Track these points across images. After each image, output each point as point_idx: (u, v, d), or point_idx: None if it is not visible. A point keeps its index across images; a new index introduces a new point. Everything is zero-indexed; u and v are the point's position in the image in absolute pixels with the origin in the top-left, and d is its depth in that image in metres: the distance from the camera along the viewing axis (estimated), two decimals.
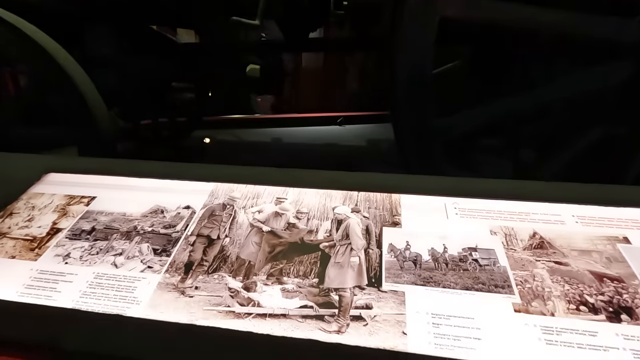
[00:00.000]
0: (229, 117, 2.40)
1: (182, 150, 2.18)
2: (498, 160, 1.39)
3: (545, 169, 1.15)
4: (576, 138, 1.12)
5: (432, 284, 0.55)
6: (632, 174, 1.07)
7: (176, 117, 2.08)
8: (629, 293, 0.52)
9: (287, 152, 2.11)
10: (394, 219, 0.67)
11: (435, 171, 1.07)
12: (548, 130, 1.15)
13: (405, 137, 1.09)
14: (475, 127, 1.09)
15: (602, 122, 1.10)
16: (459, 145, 1.35)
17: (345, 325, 0.50)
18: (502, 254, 0.59)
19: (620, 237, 0.61)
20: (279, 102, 2.25)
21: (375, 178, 0.75)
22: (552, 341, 0.47)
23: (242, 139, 2.27)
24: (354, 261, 0.59)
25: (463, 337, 0.48)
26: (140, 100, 1.81)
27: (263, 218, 0.68)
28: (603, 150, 1.10)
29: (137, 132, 1.98)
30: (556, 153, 1.15)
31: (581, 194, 0.66)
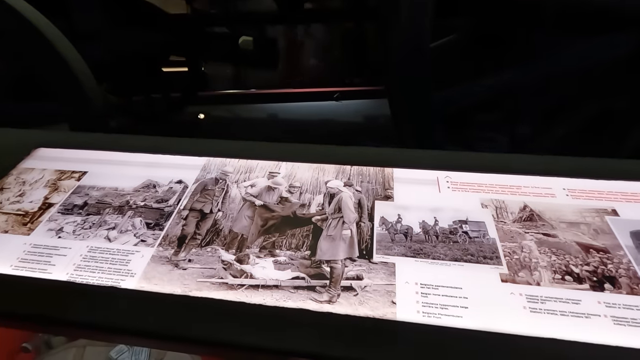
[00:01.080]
0: (224, 93, 2.36)
1: (176, 126, 2.16)
2: (496, 135, 1.39)
3: (543, 143, 1.15)
4: (575, 111, 1.11)
5: (422, 255, 0.56)
6: (629, 147, 1.07)
7: (169, 92, 2.04)
8: (614, 263, 0.53)
9: (283, 128, 2.09)
10: (387, 192, 0.67)
11: (432, 146, 1.07)
12: (547, 104, 1.14)
13: (400, 112, 1.08)
14: (472, 101, 1.08)
15: (602, 95, 1.09)
16: (457, 121, 1.34)
17: (336, 296, 0.51)
18: (492, 226, 0.60)
19: (609, 210, 0.62)
20: (273, 76, 2.20)
21: (368, 152, 0.75)
22: (536, 309, 0.49)
23: (237, 114, 2.24)
24: (346, 234, 0.60)
25: (450, 306, 0.49)
26: (131, 75, 1.77)
27: (255, 192, 0.68)
28: (601, 123, 1.10)
29: (129, 108, 1.94)
30: (555, 127, 1.14)
31: (573, 167, 0.66)
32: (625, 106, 1.06)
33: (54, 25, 1.21)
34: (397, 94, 1.05)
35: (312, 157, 0.74)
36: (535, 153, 0.73)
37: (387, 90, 1.11)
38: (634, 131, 1.06)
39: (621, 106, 1.07)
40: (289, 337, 0.48)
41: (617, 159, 0.67)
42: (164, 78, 2.04)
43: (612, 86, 1.05)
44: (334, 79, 2.12)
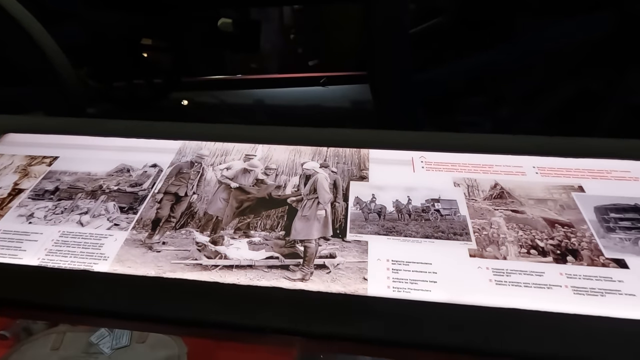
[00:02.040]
0: (209, 78, 2.31)
1: (160, 112, 2.11)
2: (478, 119, 1.40)
3: (524, 124, 1.17)
4: (553, 92, 1.13)
5: (394, 233, 0.57)
6: (604, 127, 1.10)
7: (152, 77, 1.99)
8: (577, 237, 0.55)
9: (269, 114, 2.07)
10: (362, 173, 0.68)
11: (412, 128, 1.08)
12: (527, 85, 1.15)
13: (381, 94, 1.08)
14: (452, 84, 1.09)
15: (579, 75, 1.11)
16: (441, 106, 1.35)
17: (309, 274, 0.52)
18: (464, 204, 0.61)
19: (576, 186, 0.63)
20: (255, 60, 2.16)
21: (345, 134, 0.75)
22: (501, 281, 0.50)
23: (223, 100, 2.21)
24: (321, 214, 0.60)
25: (420, 281, 0.51)
26: (111, 60, 1.72)
27: (231, 175, 0.68)
28: (578, 104, 1.12)
29: (111, 93, 1.89)
30: (534, 107, 1.16)
31: (543, 146, 0.68)
32: (602, 86, 1.08)
33: (24, 6, 1.16)
34: (377, 77, 1.05)
35: (289, 139, 0.74)
36: (515, 134, 0.75)
37: (369, 73, 1.11)
38: (610, 110, 1.08)
39: (598, 86, 1.09)
40: (262, 314, 0.48)
41: (586, 137, 0.69)
42: (146, 63, 1.99)
43: (590, 66, 1.07)
44: (317, 64, 2.10)
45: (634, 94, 1.04)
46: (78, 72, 1.80)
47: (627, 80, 1.02)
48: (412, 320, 0.47)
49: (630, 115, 1.06)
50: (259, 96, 2.19)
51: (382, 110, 1.07)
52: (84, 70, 1.74)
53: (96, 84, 1.88)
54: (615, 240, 0.55)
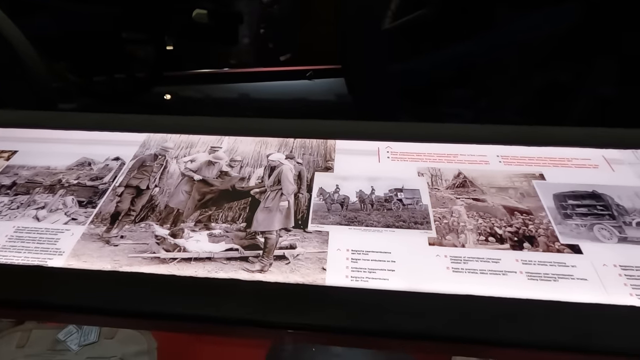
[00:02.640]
0: (192, 72, 2.27)
1: (142, 107, 2.07)
2: (453, 109, 1.41)
3: (494, 115, 1.18)
4: (523, 84, 1.14)
5: (355, 223, 0.57)
6: (574, 118, 1.11)
7: (133, 71, 1.95)
8: (534, 224, 0.56)
9: (255, 108, 2.04)
10: (327, 164, 0.67)
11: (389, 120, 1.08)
12: (497, 77, 1.16)
13: (355, 88, 1.07)
14: (425, 75, 1.09)
15: (548, 67, 1.12)
16: (419, 98, 1.35)
17: (268, 265, 0.52)
18: (426, 193, 0.61)
19: (537, 174, 0.64)
20: (232, 53, 2.13)
21: (312, 125, 0.74)
22: (458, 269, 0.51)
23: (207, 94, 2.17)
24: (283, 205, 0.60)
25: (378, 270, 0.51)
26: (89, 53, 1.67)
27: (195, 167, 0.67)
28: (548, 95, 1.13)
29: (91, 87, 1.84)
30: (505, 99, 1.17)
31: (507, 135, 0.68)
32: (570, 77, 1.09)
33: None
34: (350, 70, 1.05)
35: (256, 131, 0.73)
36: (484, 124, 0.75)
37: (342, 67, 1.10)
38: (579, 101, 1.10)
39: (566, 77, 1.11)
40: (220, 306, 0.48)
41: (549, 126, 0.70)
42: (127, 56, 1.94)
43: (558, 58, 1.07)
44: (304, 57, 2.07)
45: (603, 84, 1.05)
46: (56, 66, 1.76)
47: (595, 70, 1.04)
48: (369, 308, 0.47)
49: (599, 105, 1.08)
50: (243, 90, 2.16)
51: (358, 102, 1.06)
52: (63, 65, 1.69)
53: (76, 79, 1.83)
54: (571, 227, 0.56)
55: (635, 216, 0.57)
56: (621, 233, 0.55)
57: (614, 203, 0.59)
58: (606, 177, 0.63)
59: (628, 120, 1.07)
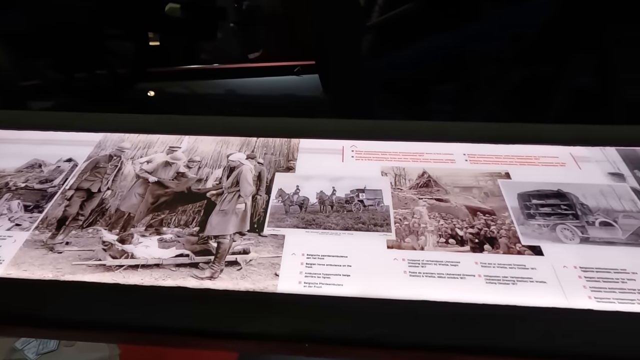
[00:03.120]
0: (177, 69, 2.22)
1: (125, 104, 2.02)
2: (432, 105, 1.39)
3: (474, 111, 1.16)
4: (501, 79, 1.13)
5: (313, 226, 0.55)
6: (552, 112, 1.10)
7: (115, 68, 1.90)
8: (497, 225, 0.55)
9: (241, 104, 2.01)
10: (289, 164, 0.65)
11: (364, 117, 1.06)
12: (475, 71, 1.15)
13: (330, 82, 1.05)
14: (402, 70, 1.07)
15: (526, 61, 1.11)
16: (394, 93, 1.33)
17: (219, 271, 0.50)
18: (388, 194, 0.59)
19: (503, 173, 0.63)
20: (213, 49, 2.08)
21: (277, 122, 0.72)
22: (415, 273, 0.49)
23: (193, 90, 2.13)
24: (240, 208, 0.58)
25: (333, 275, 0.49)
26: (69, 49, 1.62)
27: (151, 168, 0.64)
28: (527, 89, 1.12)
29: (72, 84, 1.79)
30: (483, 94, 1.15)
31: (475, 132, 0.67)
32: (548, 71, 1.08)
33: None
34: (324, 65, 1.02)
35: (219, 130, 0.71)
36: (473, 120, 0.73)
37: (317, 62, 1.07)
38: (557, 94, 1.09)
39: (544, 71, 1.09)
40: (163, 315, 0.46)
41: (519, 123, 0.68)
42: (107, 53, 1.89)
43: (535, 52, 1.06)
44: (289, 52, 2.04)
45: (580, 77, 1.04)
46: (34, 62, 1.70)
47: (572, 63, 1.03)
48: (320, 315, 0.46)
49: (577, 98, 1.07)
50: (228, 86, 2.12)
51: (331, 100, 1.04)
52: (41, 62, 1.64)
53: (57, 75, 1.78)
54: (533, 227, 0.54)
55: (598, 215, 0.56)
56: (583, 233, 0.53)
57: (578, 202, 0.58)
58: (572, 176, 0.62)
59: (604, 115, 1.07)
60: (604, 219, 0.55)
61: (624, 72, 1.06)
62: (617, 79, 1.06)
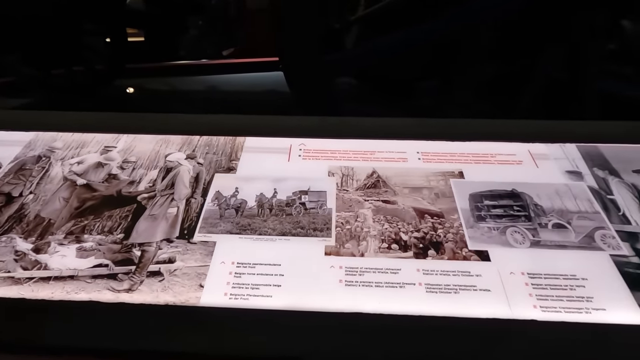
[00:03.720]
0: (158, 65, 2.15)
1: (103, 101, 1.96)
2: (393, 98, 1.35)
3: (444, 106, 1.13)
4: (475, 72, 1.10)
5: (248, 231, 0.51)
6: (523, 108, 1.08)
7: (93, 64, 1.83)
8: (444, 228, 0.51)
9: (223, 101, 1.95)
10: (231, 164, 0.61)
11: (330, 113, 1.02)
12: (446, 65, 1.11)
13: (293, 79, 1.00)
14: (364, 64, 1.03)
15: (499, 54, 1.08)
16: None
17: (139, 283, 0.46)
18: (333, 195, 0.56)
19: (456, 172, 0.59)
20: (193, 44, 2.02)
21: (222, 120, 0.68)
22: (351, 282, 0.45)
23: (174, 87, 2.07)
24: (171, 212, 0.53)
25: (262, 285, 0.45)
26: (44, 44, 1.55)
27: (81, 170, 0.60)
28: (501, 82, 1.09)
29: (48, 80, 1.72)
30: (456, 88, 1.12)
31: (429, 129, 0.64)
32: (522, 63, 1.05)
33: None
34: (288, 62, 0.98)
35: (159, 128, 0.67)
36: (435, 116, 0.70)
37: (279, 59, 1.03)
38: (531, 86, 1.06)
39: (518, 64, 1.07)
40: (69, 333, 0.42)
41: (476, 119, 0.65)
42: (84, 48, 1.82)
43: (508, 44, 1.03)
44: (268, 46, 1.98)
45: (553, 68, 1.02)
46: (7, 58, 1.63)
47: (546, 55, 1.00)
48: (243, 331, 0.42)
49: (548, 92, 1.04)
50: (209, 82, 2.06)
51: (295, 97, 1.00)
52: (16, 56, 1.57)
53: (34, 71, 1.72)
54: (483, 230, 0.51)
55: (552, 217, 0.53)
56: (535, 236, 0.50)
57: (532, 203, 0.55)
58: (529, 174, 0.59)
59: (577, 110, 1.04)
60: (557, 221, 0.52)
61: (595, 65, 1.04)
62: (589, 72, 1.04)
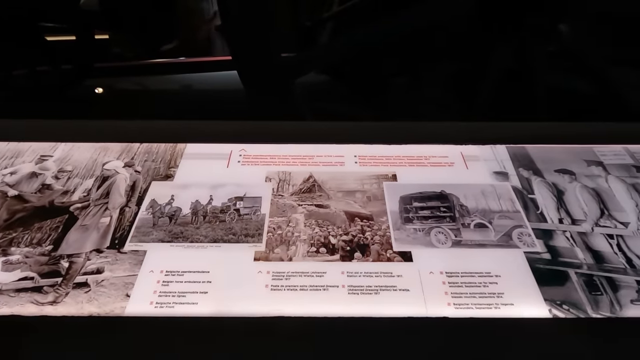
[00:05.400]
0: (129, 64, 2.09)
1: (70, 103, 1.90)
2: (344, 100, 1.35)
3: (396, 107, 1.15)
4: (430, 71, 1.12)
5: (180, 239, 0.52)
6: (480, 107, 1.11)
7: (59, 64, 1.77)
8: (372, 230, 0.53)
9: (198, 101, 1.92)
10: (169, 171, 0.61)
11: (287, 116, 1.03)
12: (395, 65, 1.13)
13: (247, 80, 1.01)
14: (319, 64, 1.04)
15: (453, 51, 1.10)
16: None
17: (64, 295, 0.46)
18: (268, 201, 0.57)
19: (390, 175, 0.62)
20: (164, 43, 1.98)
21: (162, 126, 0.67)
22: (277, 286, 0.47)
23: (146, 87, 2.02)
24: (103, 222, 0.54)
25: (189, 293, 0.46)
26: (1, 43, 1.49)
27: (14, 180, 0.59)
28: (456, 80, 1.12)
29: (11, 82, 1.66)
30: (412, 88, 1.15)
31: (366, 132, 0.65)
32: (476, 59, 1.08)
33: None
34: (241, 63, 0.98)
35: (97, 136, 0.66)
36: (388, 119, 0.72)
37: (232, 58, 1.03)
38: (487, 80, 1.09)
39: (472, 60, 1.09)
40: None
41: (414, 122, 0.67)
42: (49, 47, 1.76)
43: (461, 41, 1.06)
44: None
45: (507, 61, 1.04)
46: None
47: (499, 49, 1.03)
48: (168, 339, 0.42)
49: (506, 82, 1.07)
50: (189, 81, 2.02)
51: (251, 98, 1.00)
52: None
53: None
54: (409, 232, 0.53)
55: (475, 217, 0.56)
56: (457, 236, 0.53)
57: (458, 203, 0.57)
58: (459, 176, 0.61)
59: (527, 110, 1.08)
60: (479, 221, 0.55)
61: (544, 65, 1.08)
62: (539, 71, 1.08)
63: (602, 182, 0.61)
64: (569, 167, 0.63)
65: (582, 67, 1.02)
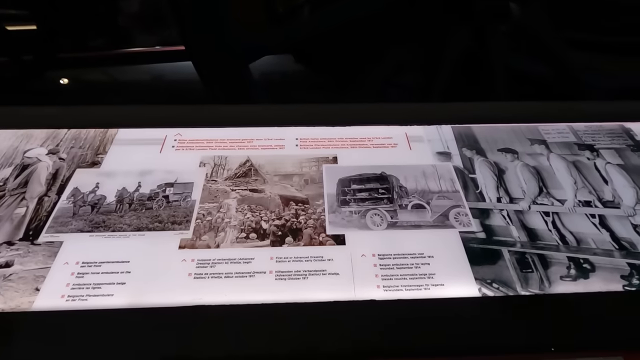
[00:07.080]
0: (92, 54, 2.00)
1: (34, 95, 1.81)
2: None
3: (353, 93, 1.13)
4: (375, 60, 1.10)
5: (101, 229, 0.49)
6: (433, 89, 1.09)
7: (20, 54, 1.67)
8: (307, 214, 0.51)
9: (170, 91, 1.85)
10: (97, 158, 0.58)
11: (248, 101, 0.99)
12: (350, 48, 1.11)
13: (201, 67, 0.97)
14: (274, 49, 1.00)
15: (397, 42, 1.08)
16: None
17: None
18: (200, 187, 0.55)
19: (330, 157, 0.60)
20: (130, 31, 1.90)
21: (91, 111, 0.63)
22: (201, 274, 0.44)
23: (114, 77, 1.93)
24: (18, 213, 0.50)
25: (105, 284, 0.44)
26: None
27: None
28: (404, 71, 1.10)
29: None
30: (363, 77, 1.12)
31: (307, 115, 0.64)
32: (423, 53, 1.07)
33: None
34: (194, 50, 0.94)
35: (22, 122, 0.62)
36: None
37: (186, 48, 0.98)
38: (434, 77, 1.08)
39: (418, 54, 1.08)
40: None
41: (354, 103, 0.65)
42: (8, 37, 1.66)
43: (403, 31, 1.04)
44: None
45: (460, 43, 1.03)
46: None
47: (453, 31, 1.01)
48: (77, 333, 0.39)
49: (458, 64, 1.05)
50: (160, 71, 1.95)
51: (208, 87, 0.97)
52: None
53: None
54: (344, 214, 0.52)
55: (413, 198, 0.55)
56: (393, 218, 0.52)
57: (397, 185, 0.56)
58: (401, 157, 0.59)
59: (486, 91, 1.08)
60: (417, 202, 0.54)
61: (499, 46, 1.07)
62: (496, 52, 1.07)
63: (544, 160, 0.61)
64: (513, 146, 0.63)
65: (533, 47, 1.02)
